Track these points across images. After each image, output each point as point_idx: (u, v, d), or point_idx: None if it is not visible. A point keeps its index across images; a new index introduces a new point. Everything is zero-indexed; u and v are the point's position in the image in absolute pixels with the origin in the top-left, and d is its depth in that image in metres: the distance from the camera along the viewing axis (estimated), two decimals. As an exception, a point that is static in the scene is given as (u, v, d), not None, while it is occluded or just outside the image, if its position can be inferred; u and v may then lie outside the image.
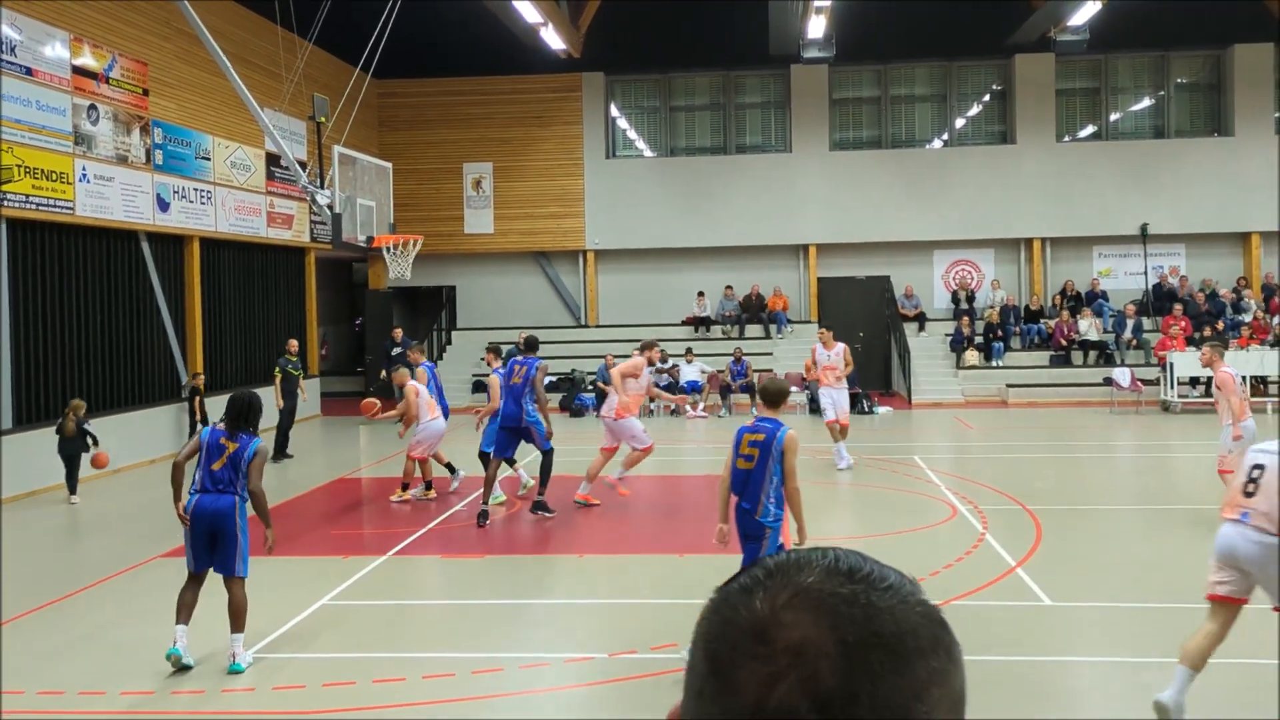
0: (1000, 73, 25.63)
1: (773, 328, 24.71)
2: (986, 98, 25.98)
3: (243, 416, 7.19)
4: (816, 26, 20.22)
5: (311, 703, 6.42)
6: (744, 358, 22.21)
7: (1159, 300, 23.89)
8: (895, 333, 24.31)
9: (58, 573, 9.78)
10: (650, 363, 12.35)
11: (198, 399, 16.50)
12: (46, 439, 13.49)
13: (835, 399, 14.59)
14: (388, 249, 14.51)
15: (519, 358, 11.77)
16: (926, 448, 16.42)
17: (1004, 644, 7.15)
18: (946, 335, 24.10)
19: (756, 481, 6.73)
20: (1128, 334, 22.73)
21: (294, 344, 17.72)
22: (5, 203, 13.14)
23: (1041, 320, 23.81)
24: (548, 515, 11.40)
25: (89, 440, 13.10)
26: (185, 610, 7.00)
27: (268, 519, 7.35)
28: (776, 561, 0.91)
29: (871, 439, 17.47)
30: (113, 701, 6.52)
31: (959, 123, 25.92)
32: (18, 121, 13.32)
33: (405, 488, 12.72)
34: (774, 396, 7.01)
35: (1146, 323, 23.32)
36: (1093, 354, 22.74)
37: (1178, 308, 22.70)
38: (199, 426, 16.22)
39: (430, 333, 25.97)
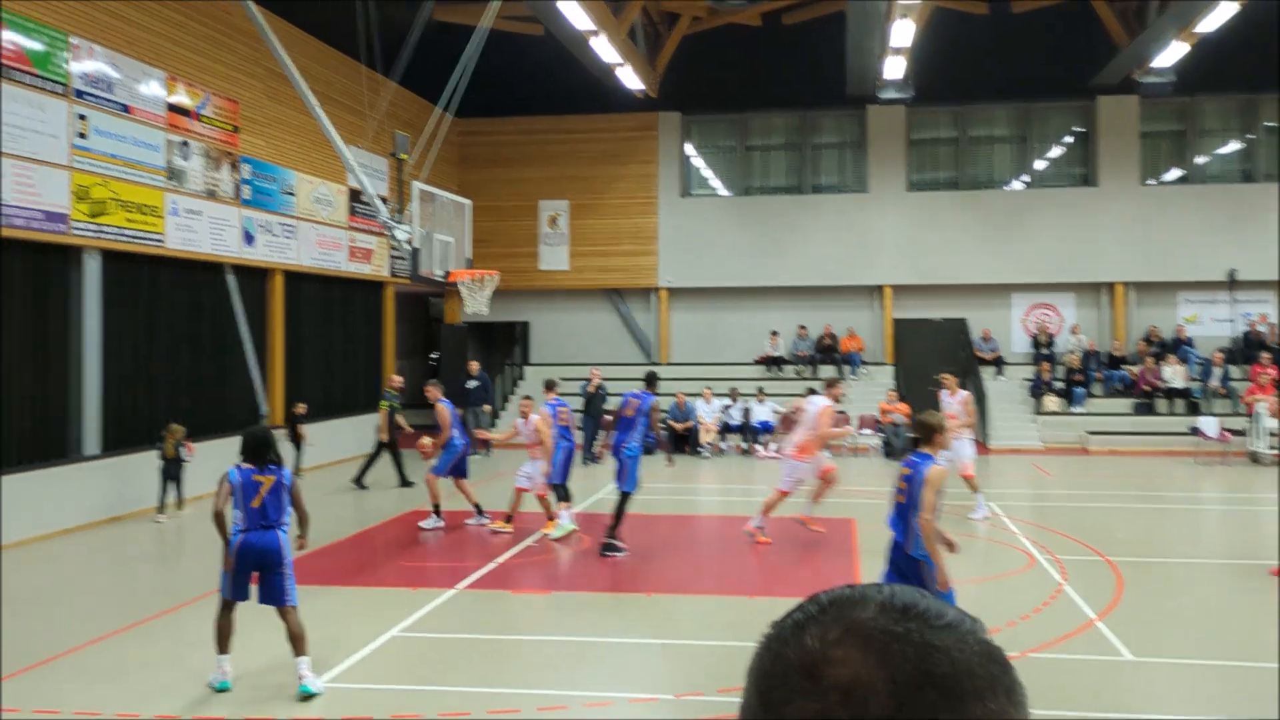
0: (1082, 114, 25.29)
1: (846, 369, 24.52)
2: (1068, 139, 25.63)
3: (266, 449, 7.38)
4: (894, 67, 20.21)
5: (378, 733, 6.47)
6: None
7: (1248, 349, 23.22)
8: (972, 376, 23.92)
9: (141, 596, 10.01)
10: (835, 400, 12.33)
11: (299, 427, 17.22)
12: (133, 464, 13.92)
13: (955, 448, 13.39)
14: (464, 284, 14.72)
15: (634, 391, 11.98)
16: (1003, 495, 16.08)
17: (1082, 699, 6.95)
18: (1025, 380, 23.69)
19: (905, 515, 6.87)
20: (1214, 382, 22.11)
21: (398, 379, 17.91)
22: (100, 235, 13.63)
23: (1124, 366, 23.27)
24: (618, 554, 11.41)
25: (182, 463, 13.65)
26: (227, 639, 7.23)
27: (307, 528, 7.59)
28: (831, 596, 0.91)
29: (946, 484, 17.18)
30: (186, 725, 6.65)
31: (1039, 165, 25.60)
32: (113, 156, 13.83)
33: (551, 519, 12.67)
34: (925, 431, 7.00)
35: (1234, 371, 22.68)
36: (1178, 402, 22.15)
37: (1266, 356, 22.04)
38: (297, 451, 16.83)
39: (503, 368, 26.24)
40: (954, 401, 14.36)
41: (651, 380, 12.21)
